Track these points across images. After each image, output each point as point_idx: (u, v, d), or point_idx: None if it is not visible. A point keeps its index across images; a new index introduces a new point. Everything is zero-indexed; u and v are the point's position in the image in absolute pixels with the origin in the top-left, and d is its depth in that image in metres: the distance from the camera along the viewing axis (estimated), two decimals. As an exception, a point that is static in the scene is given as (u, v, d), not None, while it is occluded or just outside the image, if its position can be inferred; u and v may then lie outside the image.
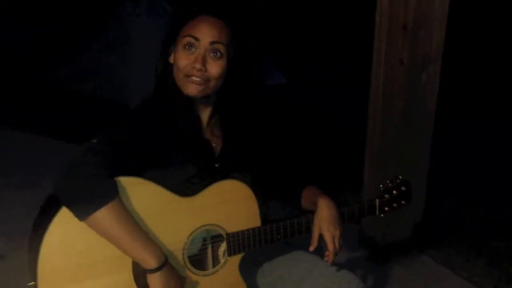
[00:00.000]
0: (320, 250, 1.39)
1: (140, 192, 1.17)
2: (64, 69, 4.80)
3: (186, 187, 1.25)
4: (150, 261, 1.15)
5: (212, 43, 1.25)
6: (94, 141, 1.15)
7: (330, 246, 1.35)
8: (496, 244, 2.42)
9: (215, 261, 1.31)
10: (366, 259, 2.33)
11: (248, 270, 1.42)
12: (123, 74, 4.47)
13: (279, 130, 1.49)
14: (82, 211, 1.11)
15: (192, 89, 1.26)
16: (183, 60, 1.26)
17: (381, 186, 1.45)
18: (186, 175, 1.26)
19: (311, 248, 1.36)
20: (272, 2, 4.99)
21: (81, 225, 1.12)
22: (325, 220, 1.35)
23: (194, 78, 1.25)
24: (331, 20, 4.91)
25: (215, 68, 1.26)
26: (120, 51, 4.56)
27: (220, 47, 1.26)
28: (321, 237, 1.35)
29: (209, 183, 1.27)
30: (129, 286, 1.19)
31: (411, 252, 2.34)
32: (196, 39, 1.25)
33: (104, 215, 1.11)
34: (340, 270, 1.41)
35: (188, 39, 1.25)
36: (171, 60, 1.30)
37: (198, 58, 1.24)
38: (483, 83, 3.96)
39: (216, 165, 1.33)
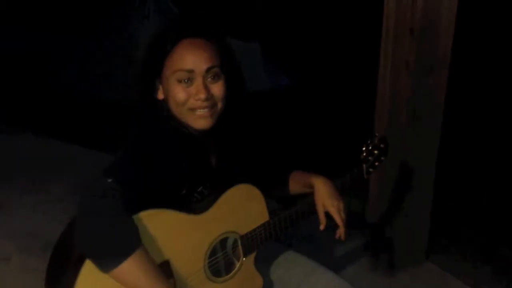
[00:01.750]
0: (318, 251, 1.39)
1: (157, 222, 1.15)
2: (72, 71, 4.83)
3: (197, 204, 1.24)
4: None
5: (208, 69, 1.18)
6: (110, 180, 1.07)
7: (338, 219, 1.36)
8: (503, 252, 2.40)
9: (228, 264, 1.32)
10: (371, 267, 2.31)
11: None
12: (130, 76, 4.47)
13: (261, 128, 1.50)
14: (107, 265, 1.05)
15: (203, 123, 1.19)
16: (182, 94, 1.17)
17: (363, 149, 1.44)
18: (194, 196, 1.25)
19: (322, 227, 1.37)
20: (274, 3, 4.98)
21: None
22: (326, 196, 1.35)
23: (201, 111, 1.18)
24: (337, 22, 4.90)
25: (218, 90, 1.20)
26: (128, 53, 4.58)
27: (216, 70, 1.19)
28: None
29: (217, 196, 1.26)
30: None
31: (417, 259, 2.31)
32: (190, 71, 1.16)
33: (129, 267, 1.05)
34: (336, 278, 1.41)
35: (181, 74, 1.16)
36: (160, 95, 1.22)
37: (200, 88, 1.17)
38: (491, 87, 3.93)
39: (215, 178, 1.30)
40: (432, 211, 2.29)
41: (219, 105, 1.22)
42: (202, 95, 1.17)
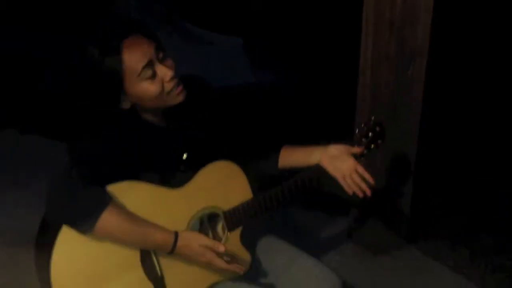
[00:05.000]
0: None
1: (132, 195, 1.20)
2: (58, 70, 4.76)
3: (173, 178, 1.28)
4: (166, 241, 1.20)
5: (156, 50, 1.22)
6: (70, 159, 1.16)
7: (360, 169, 1.32)
8: (483, 236, 2.47)
9: (216, 239, 1.34)
10: (354, 253, 2.37)
11: None
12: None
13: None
14: (86, 225, 1.13)
15: (181, 97, 1.25)
16: (153, 87, 1.21)
17: (357, 130, 1.42)
18: (166, 168, 1.29)
19: (350, 191, 1.34)
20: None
21: (84, 240, 1.16)
22: (336, 156, 1.34)
23: (176, 89, 1.23)
24: (319, 17, 4.95)
25: (171, 63, 1.25)
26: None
27: (159, 47, 1.23)
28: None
29: (194, 169, 1.30)
30: (142, 282, 1.24)
31: (399, 244, 2.38)
32: (150, 63, 1.20)
33: (106, 220, 1.14)
34: (318, 265, 1.43)
35: (146, 72, 1.19)
36: (125, 105, 1.24)
37: (164, 70, 1.21)
38: (471, 78, 4.02)
39: (185, 155, 1.34)
40: (413, 198, 2.36)
41: (180, 81, 1.26)
42: (170, 73, 1.21)
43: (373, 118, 1.43)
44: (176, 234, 1.22)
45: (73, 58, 1.31)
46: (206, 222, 1.35)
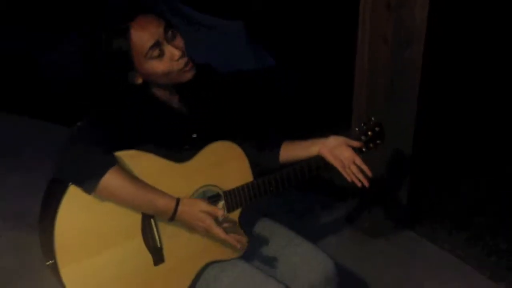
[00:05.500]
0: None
1: (137, 163, 1.24)
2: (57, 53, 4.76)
3: (178, 154, 1.31)
4: (168, 205, 1.23)
5: (165, 31, 1.25)
6: (81, 123, 1.22)
7: (358, 160, 1.38)
8: (478, 219, 2.49)
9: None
10: (352, 237, 2.39)
11: None
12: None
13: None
14: (90, 183, 1.17)
15: (190, 75, 1.30)
16: (162, 65, 1.26)
17: (356, 129, 1.48)
18: (173, 144, 1.32)
19: (349, 179, 1.40)
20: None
21: (88, 202, 1.19)
22: (335, 146, 1.39)
23: (185, 67, 1.28)
24: (318, 2, 4.92)
25: (180, 41, 1.29)
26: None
27: (172, 30, 1.28)
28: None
29: (199, 148, 1.33)
30: (140, 251, 1.27)
31: (397, 227, 2.40)
32: (157, 44, 1.24)
33: (111, 179, 1.17)
34: (313, 249, 1.45)
35: (152, 52, 1.24)
36: (138, 80, 1.29)
37: (172, 51, 1.25)
38: (467, 61, 4.00)
39: (194, 135, 1.38)
40: (410, 182, 2.37)
41: (190, 59, 1.30)
42: (177, 52, 1.26)
43: (373, 118, 1.48)
44: (177, 200, 1.25)
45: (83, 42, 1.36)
46: (213, 202, 1.37)
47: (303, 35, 4.76)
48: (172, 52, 1.25)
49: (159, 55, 1.25)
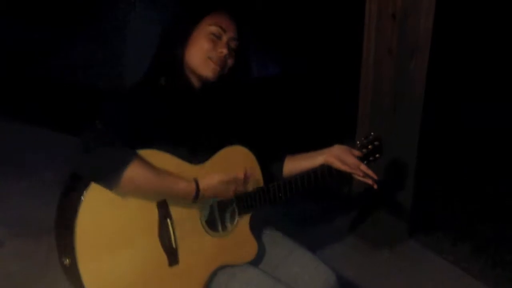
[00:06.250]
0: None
1: (155, 162, 1.25)
2: (58, 60, 4.79)
3: (193, 156, 1.33)
4: (190, 186, 1.27)
5: (233, 38, 1.38)
6: (99, 121, 1.23)
7: (363, 167, 1.42)
8: (483, 230, 2.49)
9: (223, 223, 1.40)
10: (355, 246, 2.38)
11: None
12: (116, 64, 4.48)
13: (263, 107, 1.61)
14: (113, 178, 1.18)
15: (211, 71, 1.36)
16: (209, 44, 1.35)
17: (357, 142, 1.50)
18: (189, 146, 1.34)
19: (360, 178, 1.43)
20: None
21: (109, 200, 1.20)
22: (341, 152, 1.43)
23: (214, 65, 1.35)
24: (323, 10, 4.94)
25: (230, 59, 1.39)
26: (114, 41, 4.57)
27: (236, 44, 1.39)
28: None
29: (213, 152, 1.36)
30: (156, 251, 1.28)
31: (400, 237, 2.40)
32: (224, 30, 1.36)
33: (134, 171, 1.19)
34: (314, 260, 1.46)
35: (216, 28, 1.36)
36: (187, 49, 1.37)
37: (224, 45, 1.36)
38: (470, 71, 4.01)
39: (208, 137, 1.41)
40: (414, 192, 2.37)
41: (225, 71, 1.39)
42: (225, 50, 1.36)
43: (372, 133, 1.51)
44: (195, 180, 1.28)
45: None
46: (216, 210, 1.38)
47: (308, 45, 4.78)
48: (223, 47, 1.36)
49: (216, 36, 1.35)
